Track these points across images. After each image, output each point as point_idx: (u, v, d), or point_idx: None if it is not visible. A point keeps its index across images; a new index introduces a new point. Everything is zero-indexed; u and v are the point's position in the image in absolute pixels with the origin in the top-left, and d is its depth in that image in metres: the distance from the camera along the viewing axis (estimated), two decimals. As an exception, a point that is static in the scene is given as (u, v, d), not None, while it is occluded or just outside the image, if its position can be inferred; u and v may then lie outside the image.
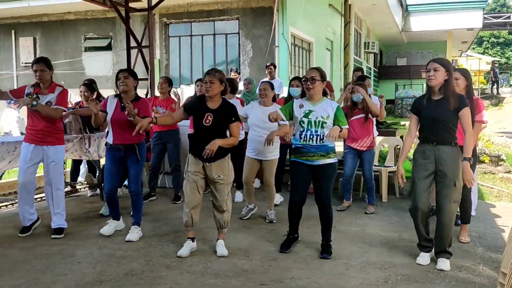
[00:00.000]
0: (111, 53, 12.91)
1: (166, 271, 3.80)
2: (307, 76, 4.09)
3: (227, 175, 4.13)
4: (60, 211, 4.79)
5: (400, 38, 24.92)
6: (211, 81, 3.98)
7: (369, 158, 5.71)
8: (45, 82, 4.63)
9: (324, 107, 4.07)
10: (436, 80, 3.76)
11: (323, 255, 4.11)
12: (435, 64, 3.76)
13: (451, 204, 3.84)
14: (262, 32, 11.37)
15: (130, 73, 4.62)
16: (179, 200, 6.22)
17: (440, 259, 3.89)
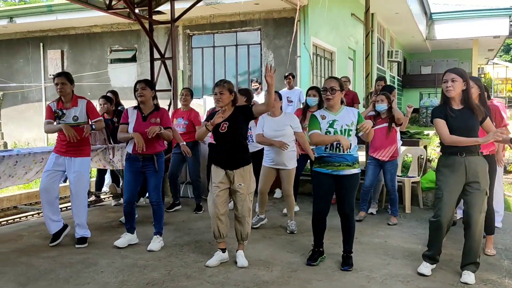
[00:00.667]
0: (136, 64, 13.14)
1: (187, 281, 3.83)
2: (327, 86, 4.07)
3: (248, 184, 4.15)
4: (83, 221, 4.87)
5: (424, 46, 24.63)
6: (220, 92, 4.08)
7: (391, 169, 5.65)
8: (66, 95, 4.75)
9: (346, 115, 4.06)
10: (455, 90, 3.73)
11: (344, 268, 4.07)
12: (452, 75, 3.73)
13: (482, 214, 3.79)
14: (284, 43, 11.41)
15: (147, 84, 4.68)
16: (200, 210, 6.27)
17: (465, 272, 3.81)
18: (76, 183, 4.79)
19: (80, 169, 4.79)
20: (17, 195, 7.21)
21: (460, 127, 3.72)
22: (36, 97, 14.36)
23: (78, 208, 4.85)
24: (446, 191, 3.81)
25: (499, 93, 30.81)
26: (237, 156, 4.12)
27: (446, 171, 3.83)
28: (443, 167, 3.85)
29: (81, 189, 4.85)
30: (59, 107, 4.77)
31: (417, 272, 3.93)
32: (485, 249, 4.50)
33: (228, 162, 4.14)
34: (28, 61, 14.35)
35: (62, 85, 4.70)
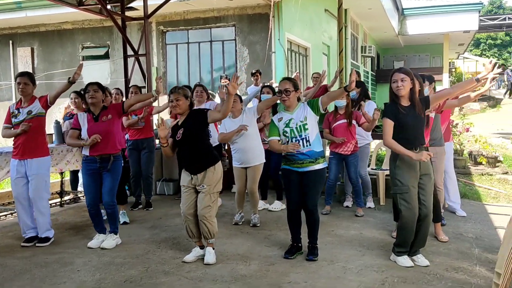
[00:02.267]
0: (109, 61, 12.96)
1: (165, 277, 3.82)
2: (281, 89, 4.16)
3: (212, 185, 4.10)
4: (45, 223, 4.79)
5: (397, 41, 25.02)
6: (177, 99, 4.08)
7: (354, 162, 5.79)
8: (27, 96, 4.68)
9: (300, 111, 4.15)
10: (405, 89, 3.88)
11: (309, 257, 4.15)
12: (401, 75, 3.88)
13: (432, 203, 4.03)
14: (259, 39, 11.43)
15: (100, 87, 4.64)
16: (151, 207, 6.30)
17: (419, 255, 4.03)
18: (35, 186, 4.69)
19: (37, 171, 4.70)
20: (-11, 196, 7.05)
21: (412, 122, 3.89)
22: (6, 95, 14.00)
23: (39, 211, 4.74)
24: (412, 185, 3.93)
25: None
26: (198, 161, 4.11)
27: (404, 166, 3.94)
28: (401, 163, 3.95)
29: (40, 192, 4.73)
30: (17, 106, 4.73)
31: (403, 266, 3.96)
32: (438, 236, 4.67)
33: (190, 168, 4.16)
34: (-4, 59, 14.00)
35: (25, 85, 4.63)
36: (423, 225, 3.99)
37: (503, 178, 7.99)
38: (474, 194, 6.93)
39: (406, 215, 3.93)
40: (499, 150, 9.88)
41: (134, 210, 6.23)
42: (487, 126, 17.26)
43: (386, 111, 4.02)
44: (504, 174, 8.18)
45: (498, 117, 20.22)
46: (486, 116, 21.20)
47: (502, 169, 8.42)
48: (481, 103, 24.13)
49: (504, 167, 8.57)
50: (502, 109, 22.73)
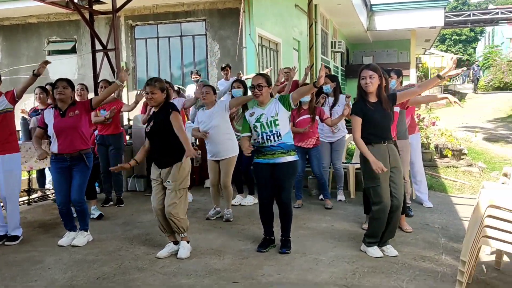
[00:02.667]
0: (76, 56, 12.70)
1: (138, 273, 3.82)
2: (254, 83, 4.19)
3: (177, 181, 4.07)
4: (16, 222, 4.71)
5: (365, 37, 25.38)
6: (152, 92, 4.04)
7: (316, 155, 5.90)
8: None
9: (272, 107, 4.18)
10: (373, 86, 3.99)
11: (282, 250, 4.21)
12: (370, 72, 3.97)
13: (403, 193, 4.14)
14: (229, 33, 11.40)
15: (69, 83, 4.57)
16: (122, 204, 6.26)
17: (389, 246, 4.16)
18: (6, 182, 4.61)
19: (10, 167, 4.63)
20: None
21: (379, 118, 4.00)
22: (-31, 91, 13.55)
23: (11, 208, 4.66)
24: (383, 178, 4.02)
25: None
26: (166, 155, 4.08)
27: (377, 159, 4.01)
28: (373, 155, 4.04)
29: (13, 188, 4.66)
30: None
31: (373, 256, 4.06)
32: (403, 227, 4.81)
33: (158, 161, 4.14)
34: (-42, 53, 13.51)
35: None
36: (394, 217, 4.10)
37: (468, 170, 8.26)
38: (440, 186, 7.15)
39: (379, 207, 4.02)
40: (463, 143, 10.19)
41: (105, 206, 6.16)
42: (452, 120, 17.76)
43: (354, 108, 4.10)
44: (468, 166, 8.45)
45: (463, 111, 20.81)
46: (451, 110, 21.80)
47: (467, 162, 8.69)
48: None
49: (468, 160, 8.86)
50: (467, 103, 23.38)
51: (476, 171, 8.22)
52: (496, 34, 41.37)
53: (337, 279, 3.61)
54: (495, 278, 3.68)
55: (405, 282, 3.54)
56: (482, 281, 3.61)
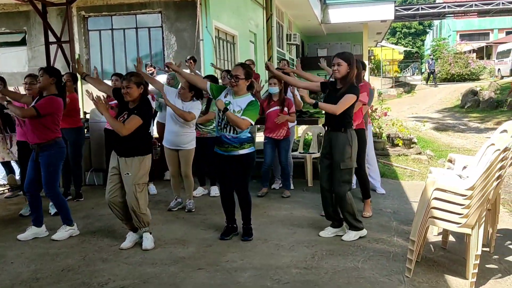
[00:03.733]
0: (26, 48, 12.30)
1: (103, 264, 3.86)
2: (232, 73, 4.24)
3: (135, 175, 4.08)
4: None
5: (320, 29, 25.84)
6: (127, 86, 4.03)
7: (285, 146, 6.08)
8: None
9: (241, 102, 4.23)
10: (340, 73, 4.19)
11: (244, 238, 4.37)
12: (339, 60, 4.18)
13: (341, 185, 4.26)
14: (186, 26, 11.38)
15: (46, 71, 4.50)
16: (81, 198, 6.22)
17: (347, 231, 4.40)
18: None
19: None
20: None
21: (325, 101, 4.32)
22: None
23: None
24: (320, 160, 4.42)
25: (387, 73, 33.34)
26: (129, 145, 4.08)
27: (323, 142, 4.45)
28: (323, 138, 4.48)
29: None
30: None
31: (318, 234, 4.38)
32: (363, 212, 5.07)
33: (119, 148, 4.14)
34: None
35: None
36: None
37: (417, 158, 8.70)
38: (392, 174, 7.51)
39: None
40: (413, 132, 10.71)
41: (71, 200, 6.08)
42: (403, 110, 18.50)
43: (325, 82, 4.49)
44: (417, 155, 8.90)
45: (413, 102, 21.69)
46: (402, 101, 22.66)
47: (416, 150, 9.15)
48: (397, 89, 25.69)
49: (417, 148, 9.32)
50: (417, 94, 24.37)
51: (424, 159, 8.68)
52: (443, 27, 43.09)
53: (298, 262, 3.80)
54: (442, 256, 3.99)
55: (360, 262, 3.78)
56: (430, 259, 3.90)
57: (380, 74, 31.48)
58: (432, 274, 3.59)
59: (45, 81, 4.44)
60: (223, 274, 3.60)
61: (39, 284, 3.50)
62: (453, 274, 3.58)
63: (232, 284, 3.42)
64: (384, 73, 32.41)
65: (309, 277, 3.50)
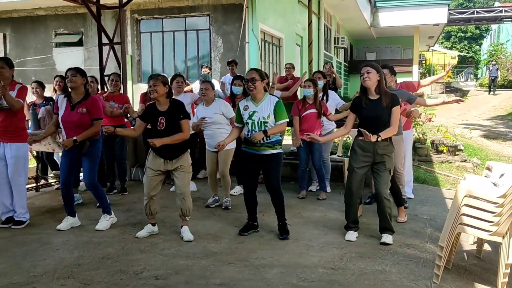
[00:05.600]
0: (82, 48, 12.96)
1: (140, 254, 4.08)
2: (248, 78, 4.41)
3: (187, 165, 4.47)
4: (21, 205, 4.95)
5: (369, 33, 25.52)
6: (154, 84, 4.31)
7: (318, 149, 6.13)
8: (5, 80, 4.80)
9: (266, 105, 4.40)
10: (370, 80, 4.24)
11: (283, 236, 4.47)
12: (367, 68, 4.26)
13: (387, 188, 4.37)
14: (233, 29, 11.63)
15: (78, 71, 4.76)
16: (126, 192, 6.53)
17: (383, 234, 4.38)
18: (12, 168, 4.86)
19: (16, 154, 4.86)
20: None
21: (368, 116, 4.31)
22: (-23, 81, 13.84)
23: (16, 193, 4.91)
24: (356, 167, 4.38)
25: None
26: (175, 149, 4.39)
27: (358, 150, 4.38)
28: (356, 147, 4.41)
29: (17, 174, 4.89)
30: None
31: (345, 239, 4.41)
32: (397, 217, 5.06)
33: (167, 154, 4.40)
34: (-32, 44, 13.79)
35: (1, 69, 4.76)
36: (379, 206, 4.42)
37: (462, 165, 8.49)
38: (433, 180, 7.38)
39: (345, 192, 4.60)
40: (459, 139, 10.42)
41: (109, 194, 6.42)
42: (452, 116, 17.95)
43: (351, 104, 4.50)
44: (463, 162, 8.67)
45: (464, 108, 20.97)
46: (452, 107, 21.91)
47: (462, 157, 8.92)
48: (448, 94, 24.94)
49: (463, 156, 9.08)
50: (469, 100, 23.53)
51: (470, 167, 8.45)
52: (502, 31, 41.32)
53: (325, 263, 3.86)
54: (475, 265, 3.93)
55: (389, 266, 3.79)
56: (461, 267, 3.85)
57: (431, 79, 30.61)
58: (462, 281, 3.55)
59: (79, 81, 4.72)
60: (251, 269, 3.72)
61: (80, 269, 3.75)
62: (484, 282, 3.53)
63: (259, 279, 3.53)
64: (436, 78, 31.48)
65: (335, 277, 3.56)
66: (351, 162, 4.45)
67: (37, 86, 6.46)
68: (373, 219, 5.07)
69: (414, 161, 7.87)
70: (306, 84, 6.03)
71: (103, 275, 3.62)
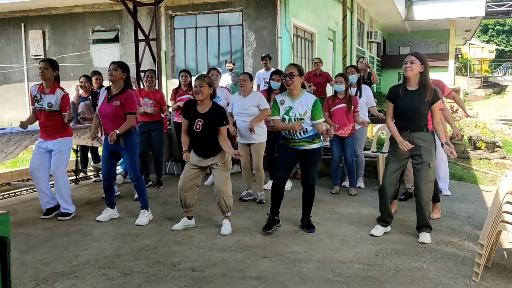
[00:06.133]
0: (119, 45, 13.23)
1: (177, 246, 4.17)
2: (286, 72, 4.41)
3: (224, 163, 4.48)
4: (64, 197, 5.10)
5: (403, 27, 25.06)
6: (200, 85, 4.32)
7: (350, 144, 6.09)
8: (47, 80, 4.97)
9: (303, 102, 4.39)
10: (412, 71, 4.12)
11: (310, 230, 4.50)
12: (412, 57, 4.13)
13: (427, 183, 4.23)
14: (265, 24, 11.65)
15: (120, 65, 4.86)
16: (161, 185, 6.65)
17: (421, 233, 4.29)
18: (55, 161, 5.02)
19: (60, 147, 5.02)
20: (8, 173, 7.41)
21: (404, 108, 4.20)
22: (18, 77, 14.35)
23: (57, 185, 5.05)
24: (392, 160, 4.31)
25: (476, 73, 31.54)
26: (212, 149, 4.43)
27: (394, 143, 4.29)
28: (393, 139, 4.32)
29: (59, 167, 5.04)
30: (38, 91, 5.02)
31: (370, 233, 4.40)
32: (431, 214, 4.96)
33: (203, 153, 4.47)
34: (9, 41, 14.29)
35: (44, 70, 4.91)
36: (417, 202, 4.34)
37: (501, 162, 8.26)
38: (471, 177, 7.21)
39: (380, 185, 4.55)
40: (498, 135, 10.13)
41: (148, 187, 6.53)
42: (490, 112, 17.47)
43: (388, 94, 4.39)
44: (501, 159, 8.43)
45: (502, 104, 20.37)
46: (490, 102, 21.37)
47: (500, 154, 8.68)
48: (485, 89, 24.26)
49: (502, 152, 8.83)
50: (507, 95, 22.86)
51: (509, 164, 8.21)
52: (542, 24, 39.82)
53: (361, 259, 3.85)
54: (515, 264, 3.84)
55: (426, 263, 3.74)
56: (502, 265, 3.77)
57: (467, 73, 29.85)
58: (502, 280, 3.48)
59: (118, 75, 4.81)
60: (287, 264, 3.75)
61: (119, 260, 3.85)
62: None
63: (294, 273, 3.55)
64: (472, 73, 30.69)
65: (371, 273, 3.54)
66: (388, 154, 4.42)
67: (86, 81, 6.66)
68: (409, 216, 5.04)
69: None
70: (338, 79, 5.98)
71: (142, 266, 3.71)
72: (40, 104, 4.96)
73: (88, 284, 3.40)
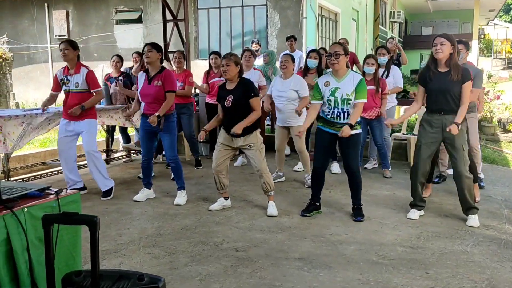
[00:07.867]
0: (142, 26, 13.21)
1: (216, 226, 4.21)
2: (331, 51, 4.26)
3: (256, 143, 4.47)
4: (103, 173, 5.15)
5: (425, 6, 24.54)
6: (227, 64, 4.34)
7: (379, 126, 6.02)
8: (69, 61, 4.99)
9: (349, 82, 4.27)
10: (443, 53, 4.04)
11: (357, 218, 4.39)
12: (442, 39, 4.04)
13: (465, 166, 4.19)
14: (290, 4, 11.50)
15: (154, 47, 4.85)
16: (200, 166, 6.69)
17: (470, 216, 4.25)
18: (87, 140, 5.08)
19: (88, 128, 5.08)
20: (42, 152, 7.53)
21: (436, 89, 4.15)
22: (43, 58, 14.46)
23: (93, 163, 5.09)
24: (424, 143, 4.27)
25: (498, 54, 30.84)
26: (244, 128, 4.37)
27: (426, 127, 4.25)
28: (424, 123, 4.28)
29: (92, 145, 5.10)
30: (64, 73, 5.06)
31: (407, 217, 4.39)
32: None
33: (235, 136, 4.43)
34: (33, 21, 14.36)
35: (65, 51, 4.92)
36: (458, 186, 4.28)
37: (532, 145, 8.13)
38: (502, 160, 7.12)
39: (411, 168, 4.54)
40: (529, 118, 9.93)
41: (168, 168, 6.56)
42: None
43: (418, 77, 4.35)
44: (532, 142, 8.31)
45: (528, 86, 19.91)
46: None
47: (531, 137, 8.54)
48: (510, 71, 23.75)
49: (533, 135, 8.69)
50: (533, 77, 22.35)
51: (541, 147, 8.08)
52: None
53: (402, 241, 3.85)
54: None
55: (469, 246, 3.73)
56: (545, 250, 3.73)
57: (490, 54, 29.22)
58: (548, 265, 3.45)
59: (154, 56, 4.81)
60: (328, 245, 3.77)
61: (162, 239, 3.91)
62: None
63: (338, 255, 3.57)
64: (495, 54, 30.02)
65: (415, 256, 3.54)
66: (419, 137, 4.35)
67: (118, 60, 6.67)
68: (445, 199, 5.01)
69: (481, 140, 7.61)
70: (369, 61, 5.87)
71: (185, 245, 3.76)
72: (68, 86, 5.00)
73: (135, 262, 3.47)
